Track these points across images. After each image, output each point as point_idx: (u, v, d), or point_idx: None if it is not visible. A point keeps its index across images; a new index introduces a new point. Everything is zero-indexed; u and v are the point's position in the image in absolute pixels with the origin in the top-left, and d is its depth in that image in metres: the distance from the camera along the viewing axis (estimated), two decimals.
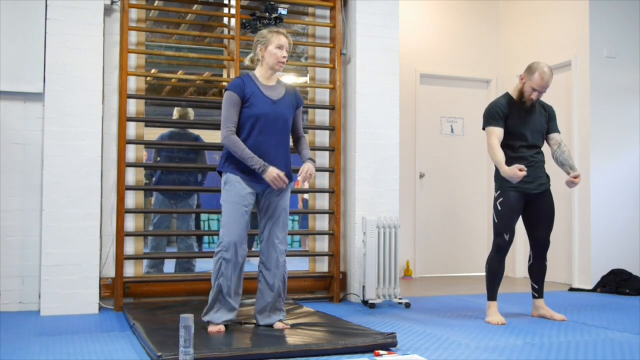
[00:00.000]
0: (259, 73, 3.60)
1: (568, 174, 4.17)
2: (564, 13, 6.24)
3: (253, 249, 4.08)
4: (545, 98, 4.30)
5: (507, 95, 4.26)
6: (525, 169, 3.96)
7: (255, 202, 3.58)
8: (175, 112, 5.64)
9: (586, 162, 5.88)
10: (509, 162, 4.07)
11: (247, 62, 3.73)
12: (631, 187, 5.98)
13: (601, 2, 5.98)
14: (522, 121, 4.16)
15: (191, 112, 5.73)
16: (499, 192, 4.17)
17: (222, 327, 3.45)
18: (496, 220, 4.15)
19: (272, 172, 3.42)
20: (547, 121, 4.27)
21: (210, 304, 3.50)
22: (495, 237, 4.17)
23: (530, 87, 4.09)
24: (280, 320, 3.63)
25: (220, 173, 3.59)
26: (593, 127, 5.87)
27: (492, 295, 4.19)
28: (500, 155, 4.08)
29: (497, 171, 4.18)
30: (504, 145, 4.17)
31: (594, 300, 5.12)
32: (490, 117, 4.17)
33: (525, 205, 4.19)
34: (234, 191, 3.48)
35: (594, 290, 5.65)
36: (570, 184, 4.14)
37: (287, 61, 3.61)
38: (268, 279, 3.59)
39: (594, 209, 5.83)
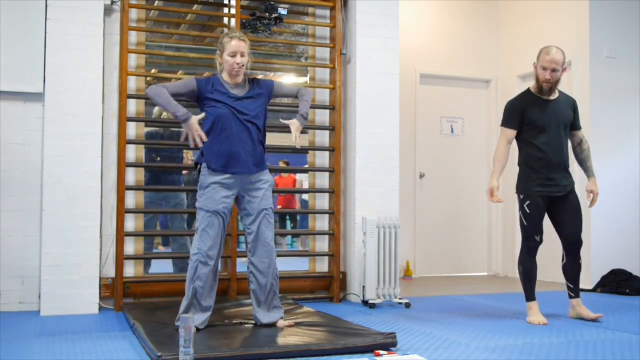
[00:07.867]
0: (224, 76, 3.58)
1: (587, 176, 4.18)
2: (564, 13, 6.24)
3: (243, 249, 4.09)
4: None
5: (526, 90, 4.19)
6: (499, 197, 4.00)
7: (234, 202, 3.56)
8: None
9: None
10: (532, 162, 4.04)
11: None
12: (631, 187, 5.98)
13: (601, 2, 5.98)
14: (543, 114, 4.04)
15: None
16: (523, 195, 4.07)
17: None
18: (525, 223, 4.06)
19: (194, 123, 3.37)
20: (573, 113, 4.17)
21: (184, 310, 3.45)
22: (525, 240, 4.10)
23: (540, 68, 4.04)
24: (281, 318, 3.63)
25: (196, 165, 3.54)
26: (593, 127, 5.86)
27: (530, 295, 4.12)
28: (499, 164, 4.07)
29: (520, 174, 4.12)
30: (526, 142, 4.09)
31: (594, 300, 5.11)
32: (506, 116, 4.14)
33: (550, 206, 4.09)
34: (211, 197, 3.45)
35: (594, 290, 5.65)
36: (589, 195, 4.14)
37: (245, 66, 3.53)
38: (260, 280, 3.56)
39: (594, 208, 5.80)
